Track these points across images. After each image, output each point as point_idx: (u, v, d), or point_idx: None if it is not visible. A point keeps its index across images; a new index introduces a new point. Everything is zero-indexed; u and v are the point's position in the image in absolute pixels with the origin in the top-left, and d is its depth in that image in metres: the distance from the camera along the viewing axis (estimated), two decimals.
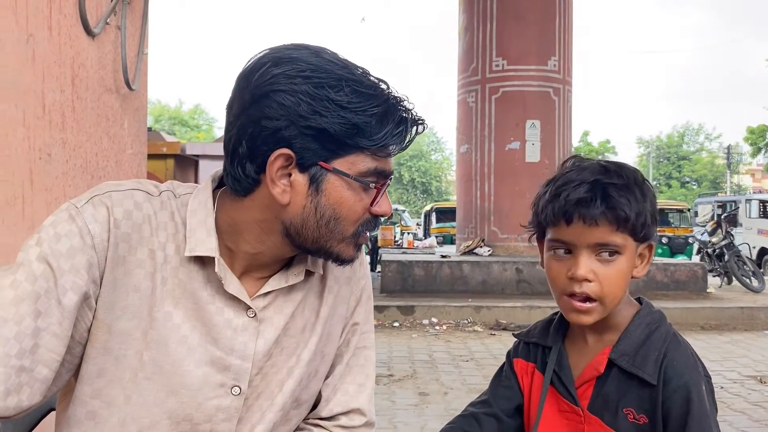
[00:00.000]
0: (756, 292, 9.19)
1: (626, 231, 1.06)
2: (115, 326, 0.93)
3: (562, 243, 1.08)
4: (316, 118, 0.88)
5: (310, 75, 0.89)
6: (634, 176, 1.09)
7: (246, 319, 0.98)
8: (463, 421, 1.22)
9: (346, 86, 0.89)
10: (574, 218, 1.05)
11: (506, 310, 7.20)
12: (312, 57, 0.90)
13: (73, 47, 1.94)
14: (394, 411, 3.98)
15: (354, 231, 0.96)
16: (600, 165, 1.10)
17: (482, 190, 9.64)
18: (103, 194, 0.94)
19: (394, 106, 0.92)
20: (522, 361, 1.22)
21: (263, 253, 0.98)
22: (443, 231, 20.16)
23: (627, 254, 1.07)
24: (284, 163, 0.90)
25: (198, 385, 0.96)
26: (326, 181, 0.92)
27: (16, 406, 0.87)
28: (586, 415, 1.10)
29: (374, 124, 0.90)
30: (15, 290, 0.87)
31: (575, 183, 1.07)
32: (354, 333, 1.14)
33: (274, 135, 0.89)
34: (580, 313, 1.08)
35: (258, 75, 0.90)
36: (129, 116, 2.40)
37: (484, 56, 9.60)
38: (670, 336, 1.10)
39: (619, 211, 1.04)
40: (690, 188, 45.88)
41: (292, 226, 0.94)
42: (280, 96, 0.88)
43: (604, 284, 1.06)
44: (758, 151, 29.46)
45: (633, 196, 1.06)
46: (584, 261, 1.06)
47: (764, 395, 4.49)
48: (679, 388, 1.04)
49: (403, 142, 0.94)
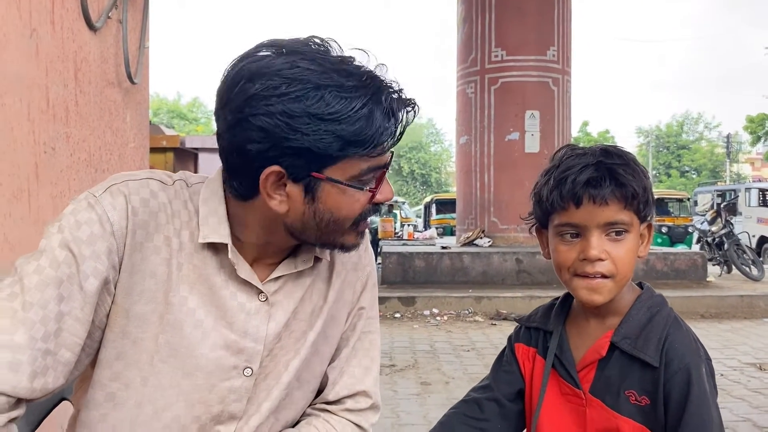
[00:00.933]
0: (755, 281, 9.21)
1: (632, 209, 1.08)
2: (133, 310, 0.96)
3: (572, 226, 1.10)
4: (298, 137, 0.87)
5: (286, 91, 0.86)
6: (633, 157, 1.12)
7: (258, 303, 1.01)
8: (465, 406, 1.24)
9: (326, 93, 0.87)
10: (584, 199, 1.07)
11: (506, 300, 7.22)
12: (286, 68, 0.87)
13: (75, 42, 1.96)
14: (397, 400, 4.01)
15: (353, 222, 0.98)
16: (600, 148, 1.13)
17: (482, 181, 9.64)
18: (120, 183, 0.96)
19: (380, 99, 0.89)
20: (523, 346, 1.24)
21: (271, 243, 1.01)
22: (443, 222, 20.15)
23: (634, 232, 1.10)
24: (276, 178, 0.91)
25: (212, 368, 0.99)
26: (321, 189, 0.93)
27: (42, 388, 0.89)
28: (588, 397, 1.12)
29: (362, 128, 0.88)
30: (39, 275, 0.89)
31: (580, 166, 1.09)
32: (360, 317, 1.16)
33: (261, 156, 0.89)
34: (593, 291, 1.09)
35: (234, 94, 0.89)
36: (131, 110, 2.41)
37: (483, 47, 9.59)
38: (671, 319, 1.12)
39: (628, 187, 1.06)
40: (689, 177, 45.84)
41: (294, 229, 0.97)
42: (259, 120, 0.87)
43: (617, 262, 1.08)
44: (758, 139, 29.45)
45: (637, 174, 1.09)
46: (596, 241, 1.07)
47: (764, 382, 4.52)
48: (680, 370, 1.06)
49: (395, 135, 0.93)
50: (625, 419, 1.09)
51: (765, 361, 5.12)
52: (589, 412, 1.12)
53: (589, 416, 1.12)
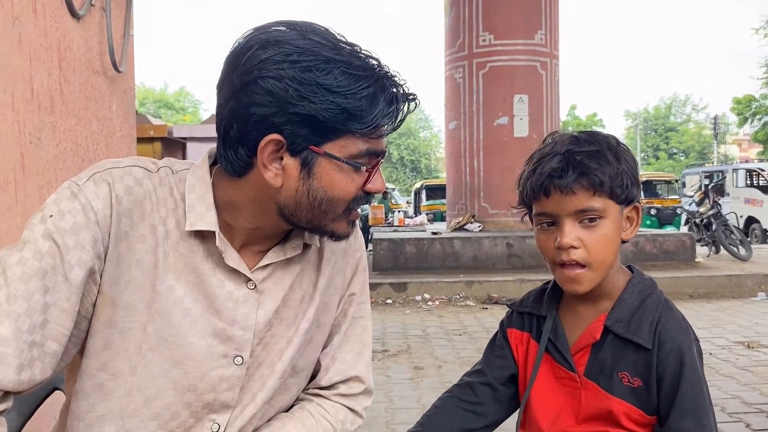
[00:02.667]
0: (743, 261, 9.30)
1: (604, 194, 1.08)
2: (120, 300, 0.95)
3: (546, 215, 1.12)
4: (305, 104, 0.87)
5: (298, 59, 0.87)
6: (607, 141, 1.12)
7: (246, 290, 1.01)
8: (458, 390, 1.25)
9: (335, 68, 0.88)
10: (552, 190, 1.09)
11: (497, 284, 7.26)
12: (299, 39, 0.89)
13: (58, 30, 1.93)
14: (390, 385, 4.03)
15: (345, 208, 0.97)
16: (572, 136, 1.13)
17: (471, 166, 9.64)
18: (103, 171, 0.95)
19: (385, 84, 0.91)
20: (516, 331, 1.25)
21: (261, 228, 1.00)
22: (434, 208, 20.17)
23: (611, 218, 1.10)
24: (275, 147, 0.91)
25: (202, 356, 0.98)
26: (318, 164, 0.92)
27: (30, 380, 0.89)
28: (583, 380, 1.13)
29: (365, 106, 0.89)
30: (23, 267, 0.88)
31: (549, 156, 1.10)
32: (351, 303, 1.16)
33: (264, 121, 0.89)
34: (573, 281, 1.11)
35: (245, 59, 0.89)
36: (117, 99, 2.39)
37: (470, 31, 9.55)
38: (663, 302, 1.13)
39: (591, 176, 1.07)
40: (678, 159, 46.05)
41: (286, 208, 0.96)
42: (268, 82, 0.87)
43: (591, 249, 1.09)
44: (745, 121, 29.57)
45: (605, 160, 1.08)
46: (568, 229, 1.09)
47: (751, 360, 4.58)
48: (672, 351, 1.08)
49: (395, 121, 0.93)
50: (618, 400, 1.10)
51: (753, 339, 5.18)
52: (584, 394, 1.13)
53: (584, 398, 1.13)
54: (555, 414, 1.16)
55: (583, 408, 1.13)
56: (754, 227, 15.58)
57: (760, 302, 6.97)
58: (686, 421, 1.06)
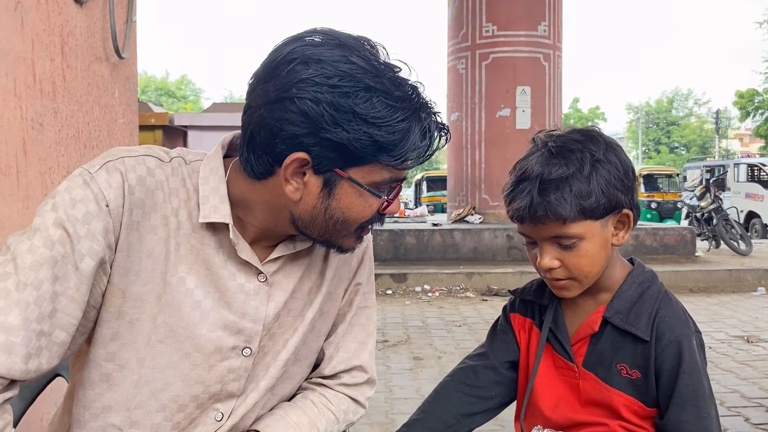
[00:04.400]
0: (743, 255, 9.31)
1: (578, 219, 1.06)
2: (129, 291, 0.94)
3: (526, 236, 1.13)
4: (338, 131, 0.86)
5: (338, 83, 0.86)
6: (581, 156, 1.07)
7: (257, 283, 1.00)
8: (460, 374, 1.25)
9: (374, 97, 0.86)
10: (525, 220, 1.09)
11: (497, 276, 7.27)
12: (342, 61, 0.87)
13: (61, 15, 1.92)
14: (390, 375, 4.04)
15: (358, 227, 0.98)
16: (546, 153, 1.09)
17: (473, 158, 9.63)
18: (116, 160, 0.93)
19: (420, 117, 0.90)
20: (519, 316, 1.25)
21: (271, 229, 1.00)
22: (434, 200, 20.16)
23: (590, 236, 1.08)
24: (300, 164, 0.90)
25: (211, 349, 0.98)
26: (339, 186, 0.92)
27: (37, 369, 0.88)
28: (581, 371, 1.14)
29: (397, 140, 0.88)
30: (33, 255, 0.87)
31: (518, 190, 1.09)
32: (356, 293, 1.16)
33: (294, 139, 0.88)
34: (561, 289, 1.13)
35: (285, 72, 0.87)
36: (119, 85, 2.38)
37: (473, 22, 9.51)
38: (662, 294, 1.13)
39: (558, 211, 1.05)
40: (679, 153, 46.01)
41: (300, 220, 0.95)
42: (305, 103, 0.86)
43: (572, 268, 1.09)
44: (747, 115, 29.51)
45: (573, 187, 1.05)
46: (546, 252, 1.10)
47: (751, 354, 4.58)
48: (671, 343, 1.08)
49: (424, 155, 0.92)
50: (616, 392, 1.10)
51: (752, 334, 5.19)
52: (582, 384, 1.14)
53: (582, 389, 1.13)
54: (556, 401, 1.16)
55: (581, 399, 1.14)
56: (755, 222, 15.57)
57: (759, 297, 6.97)
58: (685, 414, 1.06)
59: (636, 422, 1.11)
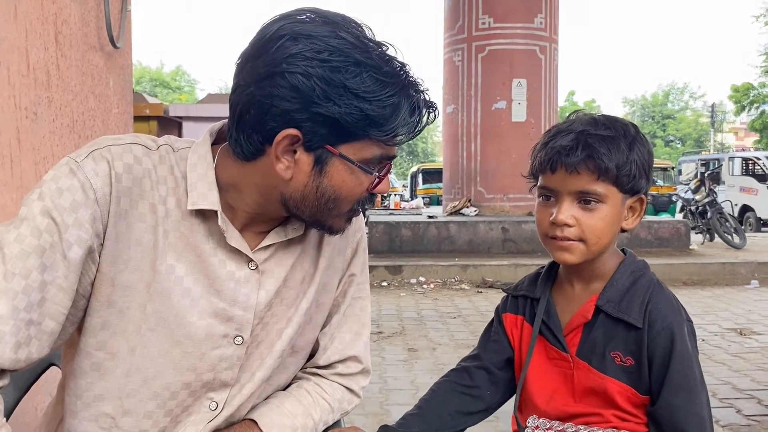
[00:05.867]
0: (737, 249, 9.34)
1: (608, 181, 1.09)
2: (119, 279, 0.93)
3: (548, 190, 1.13)
4: (329, 105, 0.86)
5: (328, 58, 0.86)
6: (625, 129, 1.12)
7: (248, 271, 1.00)
8: (455, 375, 1.26)
9: (364, 72, 0.87)
10: (558, 166, 1.10)
11: (492, 269, 7.29)
12: (331, 36, 0.87)
13: (55, 3, 1.90)
14: (385, 366, 4.05)
15: (350, 208, 0.98)
16: (591, 117, 1.14)
17: (468, 150, 9.63)
18: (102, 148, 0.93)
19: (409, 93, 0.91)
20: (510, 315, 1.26)
21: (262, 213, 1.00)
22: (430, 192, 20.19)
23: (611, 203, 1.10)
24: (290, 141, 0.90)
25: (202, 336, 0.98)
26: (330, 163, 0.92)
27: (27, 358, 0.88)
28: (575, 360, 1.14)
29: (388, 114, 0.88)
30: (20, 245, 0.87)
31: (563, 132, 1.11)
32: (350, 284, 1.16)
33: (284, 115, 0.88)
34: (564, 250, 1.12)
35: (275, 48, 0.87)
36: (114, 75, 2.37)
37: (470, 14, 9.49)
38: (654, 283, 1.14)
39: (598, 160, 1.07)
40: (674, 147, 46.09)
41: (291, 200, 0.95)
42: (295, 78, 0.86)
43: (585, 229, 1.10)
44: (742, 109, 29.56)
45: (616, 148, 1.09)
46: (566, 207, 1.10)
47: (743, 346, 4.61)
48: (663, 330, 1.09)
49: (413, 131, 0.93)
50: (611, 379, 1.11)
51: (745, 326, 5.22)
52: (576, 374, 1.14)
53: (577, 378, 1.14)
54: (550, 393, 1.17)
55: (576, 388, 1.14)
56: (749, 216, 15.63)
57: (753, 290, 7.01)
58: (677, 399, 1.07)
59: (630, 410, 1.12)
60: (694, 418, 1.06)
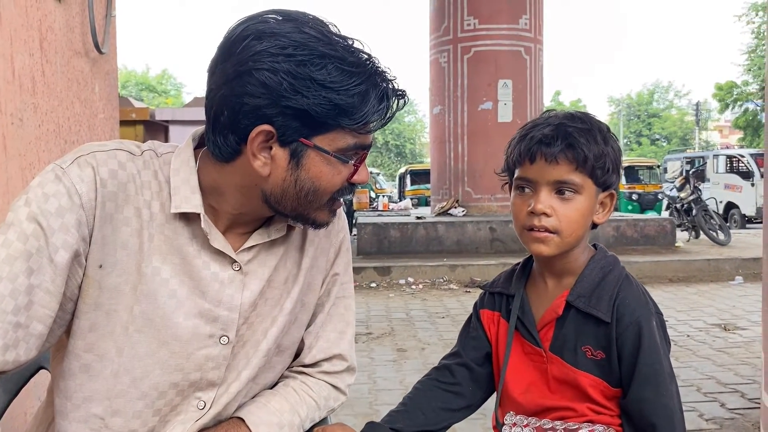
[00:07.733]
0: (722, 245, 9.44)
1: (585, 172, 1.12)
2: (105, 282, 0.95)
3: (526, 181, 1.15)
4: (298, 98, 0.88)
5: (293, 53, 0.88)
6: (599, 125, 1.16)
7: (232, 272, 1.02)
8: (437, 373, 1.29)
9: (330, 64, 0.89)
10: (537, 156, 1.12)
11: (480, 268, 7.32)
12: (295, 32, 0.90)
13: (39, 10, 1.91)
14: (374, 367, 4.07)
15: (330, 198, 0.99)
16: (566, 112, 1.18)
17: (456, 151, 9.67)
18: (87, 155, 0.95)
19: (376, 81, 0.93)
20: (488, 311, 1.28)
21: (245, 213, 1.02)
22: (418, 193, 20.19)
23: (586, 195, 1.13)
24: (265, 138, 0.92)
25: (188, 337, 1.00)
26: (306, 156, 0.93)
27: (14, 360, 0.90)
28: (549, 355, 1.17)
29: (356, 103, 0.90)
30: (7, 249, 0.89)
31: (541, 125, 1.15)
32: (334, 283, 1.18)
33: (256, 112, 0.89)
34: (540, 242, 1.14)
35: (240, 48, 0.89)
36: (99, 80, 2.38)
37: (455, 15, 9.53)
38: (623, 277, 1.17)
39: (577, 149, 1.10)
40: (660, 145, 46.39)
41: (272, 196, 0.97)
42: (263, 74, 0.88)
43: (562, 219, 1.12)
44: (726, 107, 29.83)
45: (593, 139, 1.12)
46: (544, 196, 1.12)
47: (728, 342, 4.67)
48: (631, 324, 1.11)
49: (384, 118, 0.95)
50: (583, 373, 1.14)
51: (729, 322, 5.29)
52: (550, 368, 1.17)
53: (551, 372, 1.17)
54: (526, 386, 1.19)
55: (550, 382, 1.17)
56: (734, 212, 15.79)
57: (737, 286, 7.09)
58: (646, 392, 1.09)
59: (603, 403, 1.14)
60: (663, 410, 1.09)
